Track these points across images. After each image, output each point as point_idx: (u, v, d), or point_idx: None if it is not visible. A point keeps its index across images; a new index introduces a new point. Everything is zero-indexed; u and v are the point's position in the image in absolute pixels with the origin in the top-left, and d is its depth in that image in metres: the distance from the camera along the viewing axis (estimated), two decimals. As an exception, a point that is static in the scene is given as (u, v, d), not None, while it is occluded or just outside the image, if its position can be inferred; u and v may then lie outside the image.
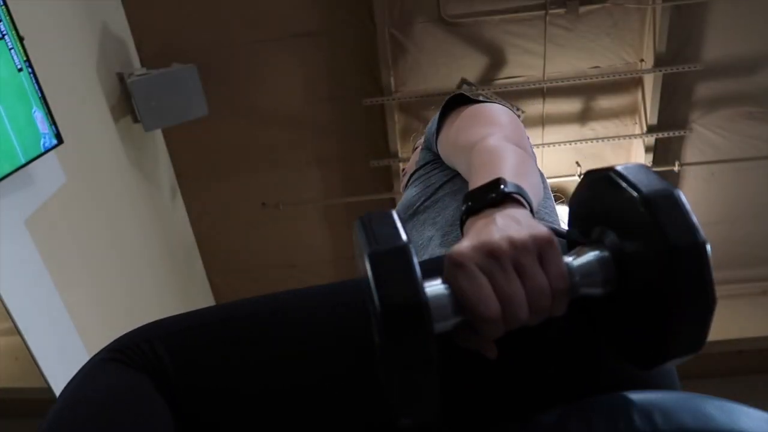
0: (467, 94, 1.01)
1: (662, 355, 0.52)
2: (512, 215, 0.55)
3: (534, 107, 3.42)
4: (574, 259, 0.55)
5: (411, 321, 0.47)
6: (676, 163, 3.44)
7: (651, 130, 3.37)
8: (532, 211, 0.58)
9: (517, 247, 0.51)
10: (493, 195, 0.57)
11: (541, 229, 0.52)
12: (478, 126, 0.89)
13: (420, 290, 0.47)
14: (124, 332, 0.71)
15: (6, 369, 2.16)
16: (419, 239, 0.93)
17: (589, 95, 3.39)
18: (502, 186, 0.58)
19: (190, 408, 0.65)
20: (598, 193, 0.58)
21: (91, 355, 0.69)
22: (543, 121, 3.45)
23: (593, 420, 0.56)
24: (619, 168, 0.54)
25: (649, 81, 3.26)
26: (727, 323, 3.78)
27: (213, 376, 0.66)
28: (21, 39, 1.90)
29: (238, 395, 0.65)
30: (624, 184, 0.53)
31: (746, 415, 0.54)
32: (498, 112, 0.93)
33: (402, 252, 0.49)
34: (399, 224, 0.52)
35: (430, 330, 0.48)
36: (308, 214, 3.78)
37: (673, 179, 3.57)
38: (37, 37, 2.13)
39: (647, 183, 0.52)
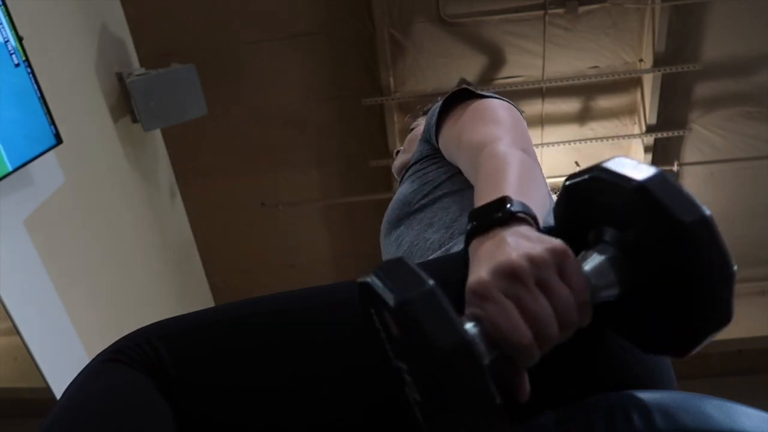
0: (471, 88, 0.98)
1: (695, 336, 0.52)
2: (521, 232, 0.53)
3: (533, 107, 3.42)
4: (585, 265, 0.54)
5: (465, 363, 0.44)
6: (676, 163, 3.44)
7: (650, 130, 3.37)
8: (538, 227, 0.57)
9: (536, 263, 0.49)
10: (500, 214, 0.56)
11: (554, 241, 0.51)
12: (484, 125, 0.87)
13: (462, 330, 0.45)
14: (123, 331, 0.71)
15: (5, 369, 2.16)
16: (416, 240, 0.92)
17: (588, 95, 3.40)
18: (508, 205, 0.57)
19: (192, 409, 0.65)
20: (585, 196, 0.56)
21: (90, 355, 0.69)
22: (542, 121, 3.45)
23: (593, 420, 0.56)
24: (604, 165, 0.53)
25: (648, 81, 3.27)
26: (726, 323, 3.79)
27: (214, 378, 0.65)
28: (20, 39, 1.90)
29: (238, 396, 0.65)
30: (612, 179, 0.52)
31: (745, 414, 0.54)
32: (503, 110, 0.92)
33: (433, 295, 0.46)
34: (416, 269, 0.48)
35: (483, 368, 0.44)
36: (307, 214, 3.78)
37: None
38: (37, 37, 2.13)
39: (636, 172, 0.51)
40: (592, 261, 0.54)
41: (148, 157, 3.28)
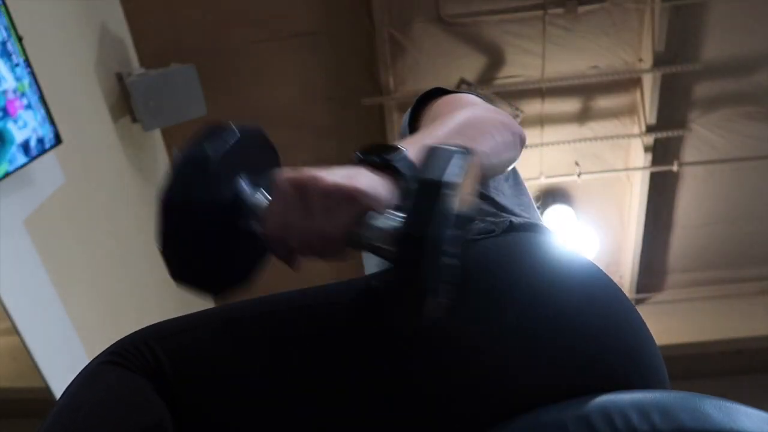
0: (444, 87, 0.96)
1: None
2: (359, 169, 0.57)
3: (533, 107, 3.42)
4: (379, 219, 0.56)
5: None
6: (675, 163, 3.44)
7: (650, 129, 3.37)
8: (394, 174, 0.59)
9: (317, 186, 0.55)
10: (376, 158, 0.59)
11: (356, 183, 0.55)
12: (454, 108, 0.85)
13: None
14: (123, 332, 0.71)
15: (5, 369, 2.16)
16: None
17: (587, 95, 3.40)
18: (394, 153, 0.59)
19: (189, 410, 0.65)
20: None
21: (90, 355, 0.69)
22: (542, 121, 3.45)
23: (592, 419, 0.56)
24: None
25: (648, 81, 3.27)
26: (726, 323, 3.79)
27: (212, 379, 0.66)
28: (20, 39, 1.90)
29: (236, 398, 0.65)
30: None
31: (744, 414, 0.54)
32: (473, 101, 0.91)
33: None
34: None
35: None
36: (307, 214, 3.78)
37: (673, 179, 3.58)
38: (36, 36, 2.13)
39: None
40: (386, 220, 0.55)
41: (148, 157, 3.28)
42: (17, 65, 1.89)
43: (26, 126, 1.92)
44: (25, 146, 1.91)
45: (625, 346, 0.64)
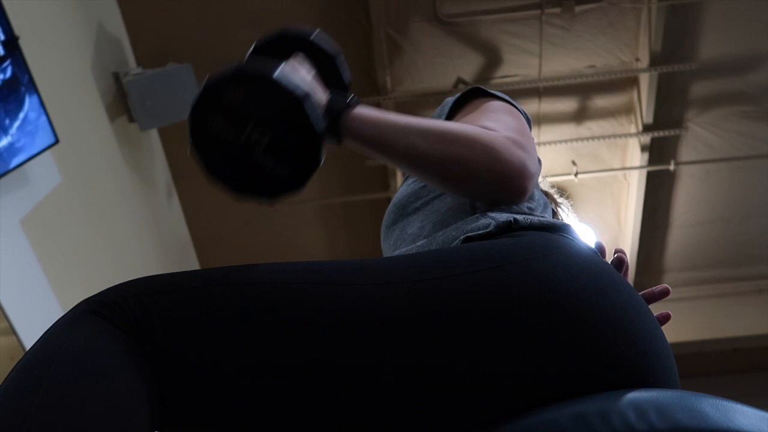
0: (484, 87, 0.98)
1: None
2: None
3: (530, 106, 3.42)
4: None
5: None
6: (672, 162, 3.45)
7: (647, 129, 3.37)
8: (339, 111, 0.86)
9: None
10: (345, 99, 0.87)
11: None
12: (481, 119, 0.86)
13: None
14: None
15: (2, 369, 2.15)
16: (411, 246, 0.91)
17: (584, 94, 3.40)
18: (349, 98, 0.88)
19: (173, 376, 0.61)
20: None
21: None
22: (539, 120, 3.45)
23: (589, 418, 0.56)
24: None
25: (645, 80, 3.27)
26: (723, 322, 3.80)
27: (205, 347, 0.61)
28: (16, 38, 1.89)
29: (227, 368, 0.61)
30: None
31: (741, 413, 0.54)
32: (505, 110, 0.91)
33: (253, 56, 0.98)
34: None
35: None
36: (304, 214, 3.78)
37: (669, 178, 3.59)
38: (33, 36, 2.12)
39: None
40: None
41: (145, 157, 3.27)
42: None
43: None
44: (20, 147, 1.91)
45: (644, 344, 0.64)
